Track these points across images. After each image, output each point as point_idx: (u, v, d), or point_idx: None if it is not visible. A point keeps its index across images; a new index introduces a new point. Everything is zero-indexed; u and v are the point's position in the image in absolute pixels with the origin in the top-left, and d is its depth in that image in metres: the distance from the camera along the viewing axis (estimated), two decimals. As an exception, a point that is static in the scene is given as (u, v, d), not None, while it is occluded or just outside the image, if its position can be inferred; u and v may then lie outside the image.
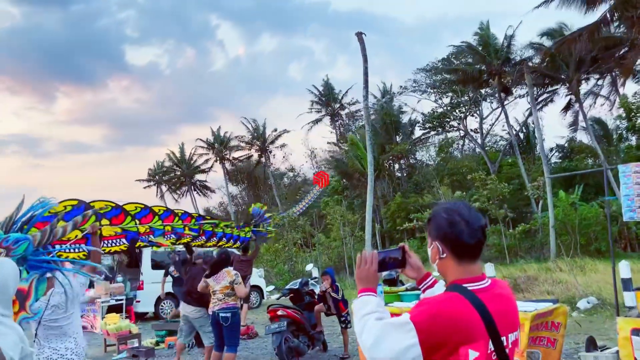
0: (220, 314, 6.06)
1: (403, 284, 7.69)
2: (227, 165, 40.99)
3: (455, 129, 32.11)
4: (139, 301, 12.60)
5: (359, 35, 17.90)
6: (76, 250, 3.81)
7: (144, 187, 45.26)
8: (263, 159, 39.02)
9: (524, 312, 4.11)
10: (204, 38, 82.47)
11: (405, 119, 32.85)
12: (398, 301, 6.00)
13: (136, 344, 8.91)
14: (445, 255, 1.61)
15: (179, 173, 43.02)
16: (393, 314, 4.58)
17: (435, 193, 22.12)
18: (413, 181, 31.83)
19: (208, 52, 78.03)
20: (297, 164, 46.33)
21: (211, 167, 42.14)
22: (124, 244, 4.39)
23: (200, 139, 41.18)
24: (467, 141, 33.63)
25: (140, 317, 12.66)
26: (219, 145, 40.07)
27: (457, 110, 30.93)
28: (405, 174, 34.37)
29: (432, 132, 32.75)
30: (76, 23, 77.92)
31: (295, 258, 21.42)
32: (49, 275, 2.70)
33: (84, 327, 8.51)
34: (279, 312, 7.00)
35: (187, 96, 75.12)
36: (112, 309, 11.68)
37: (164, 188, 44.23)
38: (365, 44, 17.99)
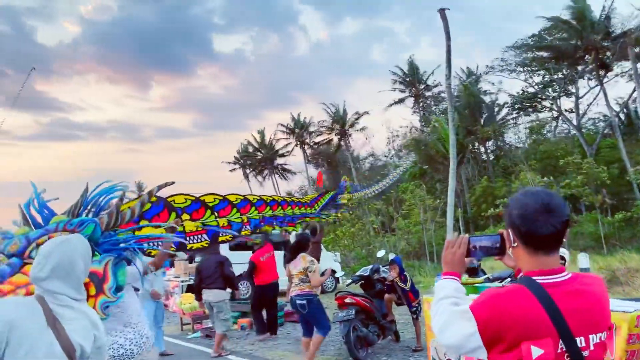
0: (297, 301, 6.02)
1: (485, 274, 7.12)
2: (307, 149, 41.27)
3: (547, 109, 30.01)
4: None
5: (442, 11, 17.02)
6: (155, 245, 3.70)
7: (230, 170, 46.88)
8: (343, 143, 38.81)
9: (621, 313, 3.49)
10: (287, 24, 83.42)
11: (492, 99, 31.18)
12: (475, 293, 5.48)
13: (210, 324, 9.04)
14: (516, 244, 1.56)
15: (260, 157, 44.01)
16: None
17: (524, 178, 20.74)
18: (500, 165, 30.23)
19: (291, 37, 78.80)
20: (378, 147, 45.71)
21: (291, 151, 42.68)
22: (205, 240, 4.25)
23: (281, 124, 41.77)
24: (560, 122, 31.33)
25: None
26: (299, 129, 40.38)
27: (549, 90, 28.83)
28: (492, 158, 32.75)
29: (522, 113, 30.84)
30: (168, 13, 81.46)
31: (373, 243, 21.06)
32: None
33: (165, 306, 8.77)
34: (347, 300, 6.71)
35: (271, 81, 76.53)
36: (191, 289, 12.01)
37: (248, 171, 45.55)
38: (448, 20, 17.09)
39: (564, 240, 1.56)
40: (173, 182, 3.96)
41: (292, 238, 7.29)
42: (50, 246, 1.95)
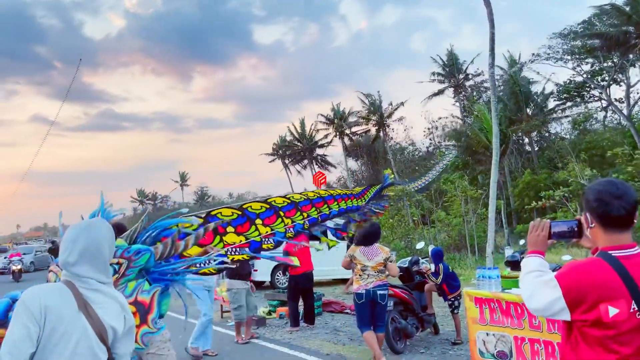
0: (378, 292, 5.76)
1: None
2: (346, 140, 41.12)
3: (596, 99, 28.85)
4: (256, 270, 12.99)
5: (485, -3, 16.54)
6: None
7: (269, 162, 47.29)
8: (381, 134, 38.44)
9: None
10: (327, 14, 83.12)
11: (537, 89, 30.19)
12: (517, 287, 5.33)
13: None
14: (593, 225, 1.88)
15: (299, 147, 44.16)
16: (510, 302, 4.00)
17: (572, 170, 20.00)
18: (545, 156, 29.31)
19: (330, 28, 78.55)
20: (417, 138, 45.08)
21: (330, 142, 42.62)
22: (247, 253, 4.28)
23: (321, 114, 41.72)
24: (610, 112, 30.08)
25: (258, 286, 13.09)
26: (339, 120, 40.25)
27: (598, 78, 27.68)
28: (536, 149, 31.80)
29: (569, 103, 29.76)
30: (209, 5, 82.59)
31: (412, 234, 20.83)
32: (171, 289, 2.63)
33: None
34: (386, 291, 6.65)
35: (310, 72, 76.57)
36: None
37: (287, 161, 45.82)
38: (492, 7, 16.60)
39: (635, 221, 1.84)
40: (228, 224, 4.03)
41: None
42: (76, 231, 1.97)
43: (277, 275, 13.62)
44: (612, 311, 1.73)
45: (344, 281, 14.24)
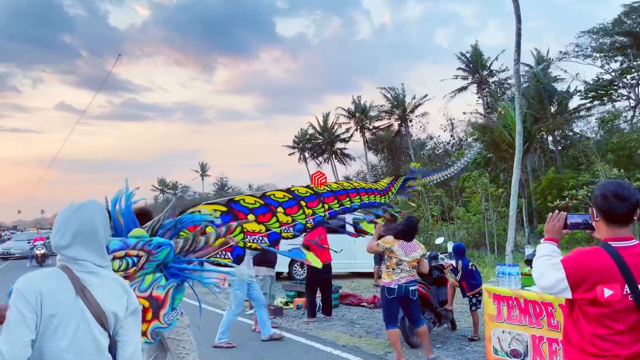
0: (411, 288, 5.70)
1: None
2: (367, 134, 40.98)
3: (624, 97, 28.24)
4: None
5: (513, -8, 16.28)
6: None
7: (289, 154, 47.41)
8: (403, 129, 38.22)
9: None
10: (350, 7, 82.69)
11: (563, 87, 29.62)
12: (533, 285, 5.29)
13: (267, 302, 9.24)
14: (598, 219, 2.19)
15: (320, 141, 44.15)
16: (529, 300, 4.04)
17: (597, 170, 19.63)
18: (569, 155, 28.82)
19: (354, 21, 78.18)
20: (438, 133, 44.65)
21: (351, 136, 42.53)
22: (266, 242, 4.27)
23: (342, 108, 41.61)
24: (638, 112, 29.42)
25: (276, 277, 13.19)
26: (360, 114, 40.11)
27: (627, 77, 27.08)
28: (560, 148, 31.27)
29: (596, 102, 29.18)
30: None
31: (431, 231, 20.73)
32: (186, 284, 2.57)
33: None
34: (404, 285, 6.66)
35: (332, 66, 76.40)
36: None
37: (307, 155, 45.87)
38: (519, 2, 16.33)
39: (635, 218, 2.12)
40: (250, 211, 4.04)
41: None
42: (67, 213, 1.90)
43: (295, 267, 13.71)
44: (607, 292, 2.02)
45: (361, 274, 14.30)
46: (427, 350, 5.81)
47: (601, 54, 27.36)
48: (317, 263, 5.30)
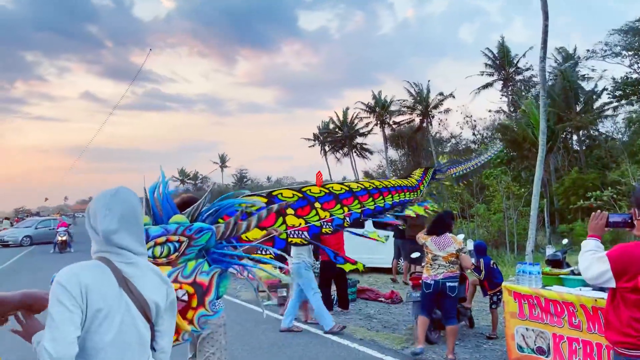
0: (448, 284, 5.65)
1: (569, 266, 6.77)
2: (388, 129, 40.79)
3: (654, 97, 27.58)
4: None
5: (541, -12, 16.00)
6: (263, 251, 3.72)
7: (309, 147, 47.47)
8: (424, 124, 37.93)
9: None
10: (374, 1, 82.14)
11: (588, 86, 29.05)
12: (559, 284, 5.23)
13: (284, 294, 9.30)
14: (639, 218, 2.51)
15: (340, 135, 44.11)
16: (550, 299, 4.14)
17: (625, 171, 19.19)
18: (594, 155, 28.30)
19: (377, 15, 77.72)
20: (460, 130, 44.25)
21: (370, 130, 42.37)
22: (306, 237, 4.29)
23: (361, 102, 41.46)
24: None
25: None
26: (380, 109, 39.93)
27: (657, 76, 26.45)
28: (584, 147, 30.72)
29: (623, 101, 28.54)
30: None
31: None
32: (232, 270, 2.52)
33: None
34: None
35: (354, 60, 76.10)
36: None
37: (327, 148, 45.89)
38: (547, -2, 16.04)
39: None
40: (288, 205, 4.05)
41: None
42: (107, 198, 1.82)
43: (314, 262, 13.76)
44: None
45: (379, 269, 14.27)
46: (449, 350, 5.78)
47: (630, 53, 26.73)
48: (359, 266, 5.43)
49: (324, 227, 4.42)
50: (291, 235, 4.01)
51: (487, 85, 36.28)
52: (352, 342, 6.60)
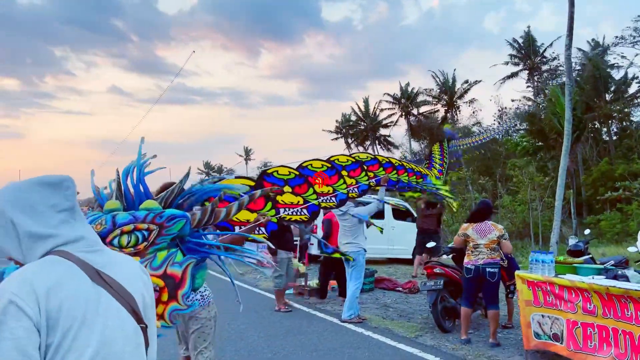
0: (488, 269, 5.78)
1: (592, 259, 6.66)
2: (412, 120, 40.43)
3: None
4: (312, 244, 13.23)
5: (566, -27, 15.61)
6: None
7: (332, 139, 47.38)
8: (449, 115, 37.46)
9: None
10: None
11: (618, 74, 28.22)
12: (572, 273, 5.16)
13: (302, 283, 9.39)
14: None
15: (362, 127, 43.92)
16: (563, 286, 4.23)
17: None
18: (624, 145, 27.55)
19: (401, 5, 76.92)
20: (486, 121, 43.54)
21: (395, 122, 42.07)
22: (305, 215, 4.26)
23: (388, 94, 41.16)
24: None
25: (313, 260, 13.35)
26: (405, 100, 39.59)
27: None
28: (614, 137, 29.92)
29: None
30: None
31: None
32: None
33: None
34: (437, 270, 6.64)
35: (377, 51, 75.58)
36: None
37: (349, 140, 45.74)
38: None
39: None
40: (282, 192, 3.98)
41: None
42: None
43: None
44: None
45: (399, 260, 14.26)
46: (492, 334, 5.91)
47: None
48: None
49: (326, 202, 4.44)
50: (287, 213, 4.02)
51: (512, 75, 35.60)
52: (366, 330, 6.63)
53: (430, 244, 7.54)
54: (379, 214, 13.12)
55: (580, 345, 4.67)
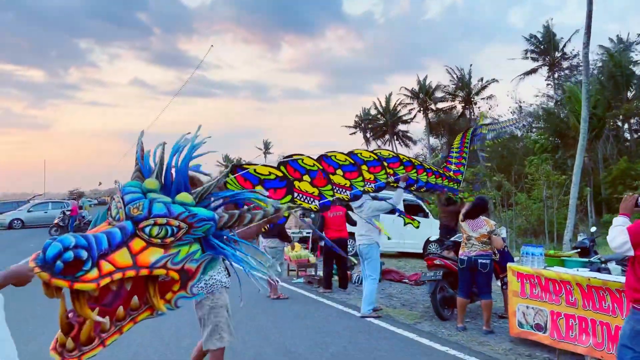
0: (480, 260, 6.17)
1: (597, 254, 6.92)
2: (430, 115, 40.41)
3: None
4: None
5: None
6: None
7: (350, 134, 47.65)
8: (467, 111, 37.40)
9: None
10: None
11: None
12: (560, 266, 5.47)
13: (312, 272, 9.81)
14: None
15: (382, 122, 44.04)
16: (549, 279, 4.58)
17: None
18: (645, 144, 27.29)
19: (423, -1, 76.26)
20: (505, 117, 43.28)
21: (413, 117, 42.10)
22: (315, 205, 4.51)
23: (405, 88, 41.17)
24: None
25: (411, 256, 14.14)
26: (424, 95, 39.60)
27: None
28: (635, 136, 29.61)
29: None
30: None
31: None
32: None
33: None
34: (436, 262, 6.99)
35: (398, 45, 75.35)
36: (302, 241, 13.03)
37: (368, 135, 45.92)
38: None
39: None
40: (307, 172, 4.17)
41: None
42: None
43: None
44: None
45: (410, 254, 14.58)
46: (486, 322, 6.28)
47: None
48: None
49: (340, 192, 4.64)
50: (300, 199, 4.18)
51: (532, 71, 35.32)
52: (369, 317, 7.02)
53: (432, 238, 7.85)
54: (390, 211, 13.46)
55: (563, 334, 5.01)
